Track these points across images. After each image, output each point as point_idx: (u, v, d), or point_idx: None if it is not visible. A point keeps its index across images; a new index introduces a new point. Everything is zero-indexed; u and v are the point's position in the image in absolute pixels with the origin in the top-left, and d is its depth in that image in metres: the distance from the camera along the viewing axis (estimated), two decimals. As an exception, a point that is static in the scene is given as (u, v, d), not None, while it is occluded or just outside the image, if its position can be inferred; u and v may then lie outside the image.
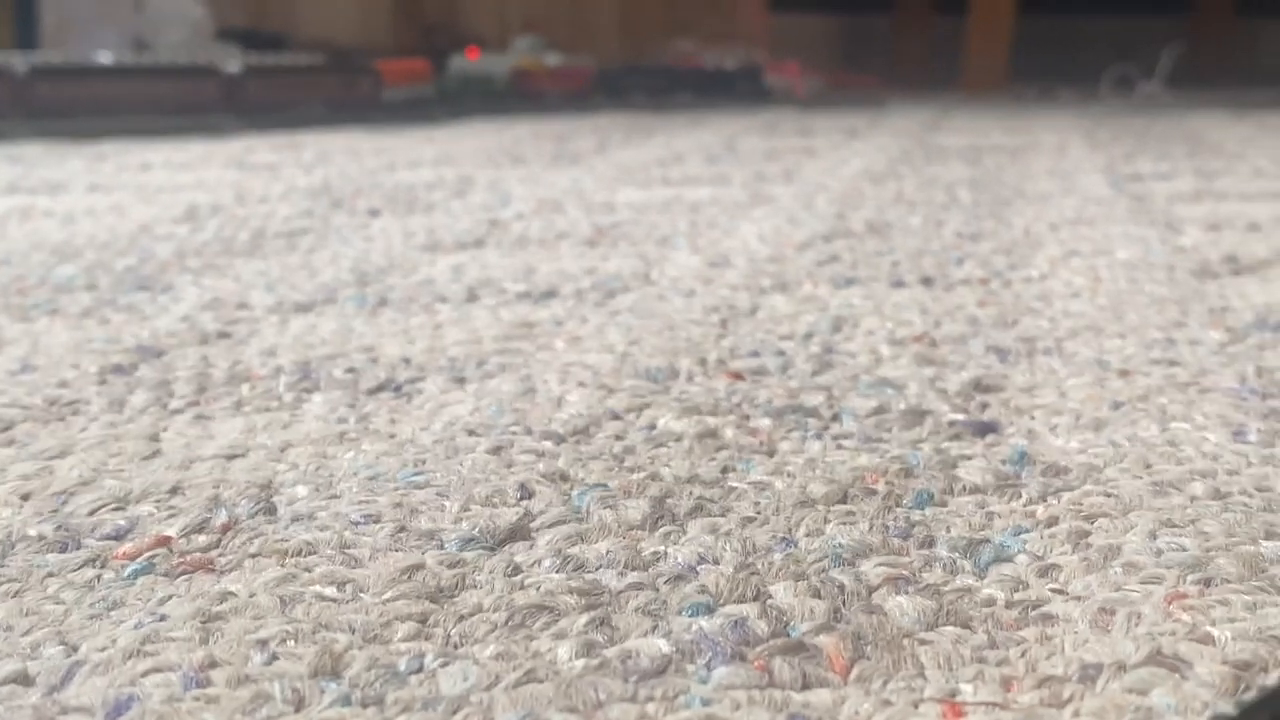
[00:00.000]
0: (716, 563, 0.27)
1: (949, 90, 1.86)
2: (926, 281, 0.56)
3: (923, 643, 0.24)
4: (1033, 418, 0.37)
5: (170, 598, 0.25)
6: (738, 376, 0.41)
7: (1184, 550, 0.27)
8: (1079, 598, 0.25)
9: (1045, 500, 0.30)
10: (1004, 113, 1.55)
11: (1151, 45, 1.88)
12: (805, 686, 0.22)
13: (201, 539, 0.28)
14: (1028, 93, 1.71)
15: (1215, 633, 0.23)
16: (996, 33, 1.97)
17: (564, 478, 0.32)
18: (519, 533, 0.28)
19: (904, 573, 0.26)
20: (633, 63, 1.81)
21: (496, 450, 0.33)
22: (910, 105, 1.64)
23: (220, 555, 0.27)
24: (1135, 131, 1.32)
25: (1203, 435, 0.34)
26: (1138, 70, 1.73)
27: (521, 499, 0.30)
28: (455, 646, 0.23)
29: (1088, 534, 0.28)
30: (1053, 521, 0.29)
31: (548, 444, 0.34)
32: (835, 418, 0.37)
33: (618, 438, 0.35)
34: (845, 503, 0.30)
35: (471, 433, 0.35)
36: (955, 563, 0.27)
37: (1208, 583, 0.25)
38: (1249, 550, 0.27)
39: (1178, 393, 0.38)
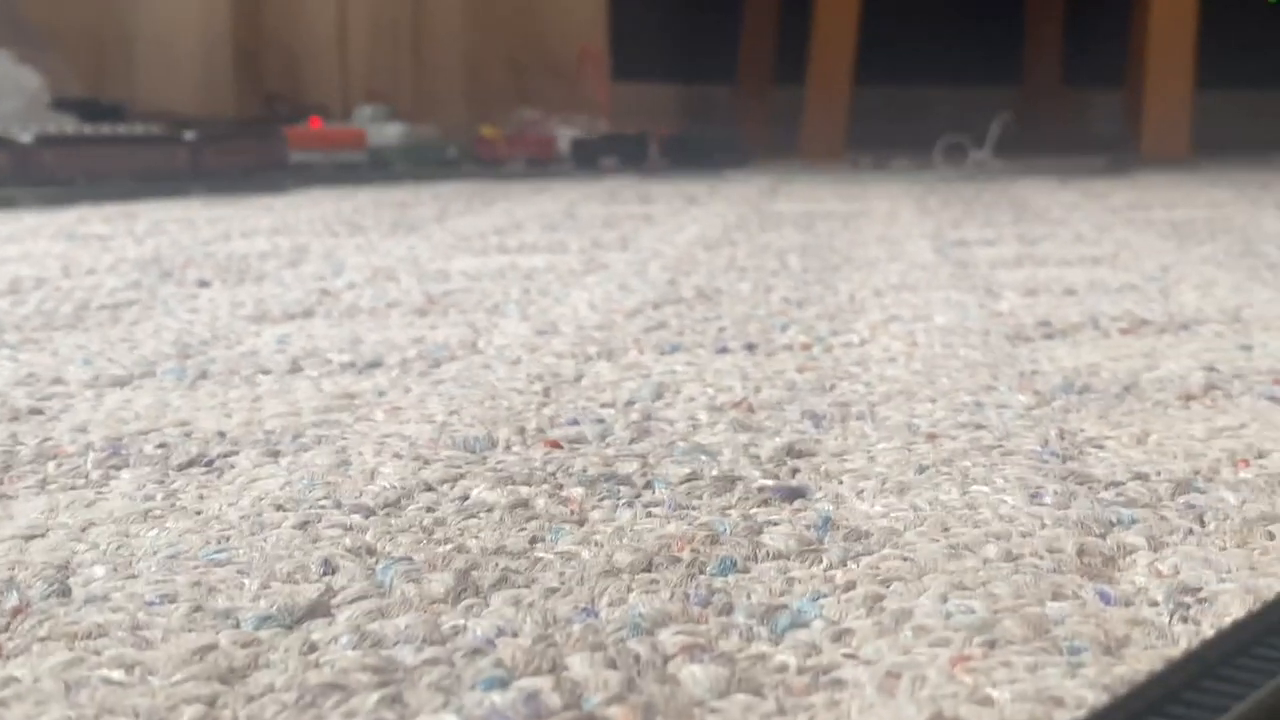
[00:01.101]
0: (515, 635, 0.27)
1: (787, 158, 1.89)
2: (750, 347, 0.57)
3: (713, 711, 0.24)
4: (841, 482, 0.37)
5: (-52, 686, 0.24)
6: (555, 445, 0.41)
7: (973, 613, 0.27)
8: (869, 662, 0.25)
9: (845, 565, 0.31)
10: (840, 180, 1.58)
11: (983, 115, 1.94)
12: (593, 759, 0.22)
13: (-12, 624, 0.27)
14: (864, 161, 1.75)
15: (995, 694, 0.24)
16: (833, 102, 2.01)
17: (370, 552, 0.31)
18: (318, 609, 0.28)
19: (701, 641, 0.26)
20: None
21: (303, 525, 0.33)
22: (749, 173, 1.66)
23: (9, 640, 0.27)
24: (964, 199, 1.35)
25: (1001, 498, 0.35)
26: (969, 139, 1.77)
27: (324, 574, 0.30)
28: (242, 729, 0.23)
29: (883, 598, 0.28)
30: (850, 586, 0.29)
31: (356, 518, 0.34)
32: (648, 485, 0.37)
33: (429, 510, 0.34)
34: (650, 571, 0.30)
35: (280, 508, 0.34)
36: (752, 629, 0.27)
37: (992, 645, 0.26)
38: (1035, 612, 0.27)
39: (981, 456, 0.39)
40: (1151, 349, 0.56)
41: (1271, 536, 0.32)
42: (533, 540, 0.32)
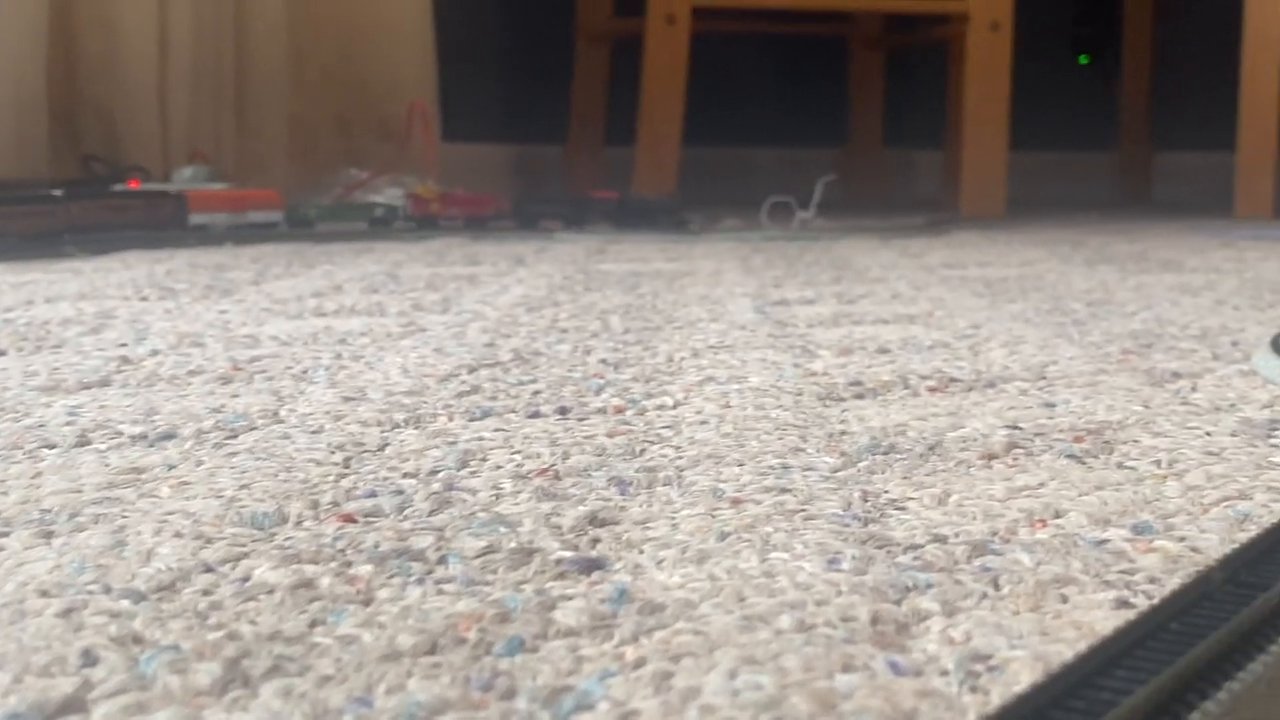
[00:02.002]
0: (281, 729, 0.25)
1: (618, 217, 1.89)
2: (563, 411, 0.56)
3: (484, 806, 0.22)
4: (642, 551, 0.36)
5: None
6: (349, 519, 0.39)
7: (761, 689, 0.26)
8: (651, 746, 0.24)
9: (637, 640, 0.30)
10: (668, 240, 1.59)
11: (808, 175, 1.96)
12: None
13: None
14: (693, 219, 1.75)
15: (777, 777, 0.23)
16: (663, 162, 2.02)
17: (136, 640, 0.29)
18: (73, 705, 0.26)
19: (478, 729, 0.25)
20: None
21: (67, 612, 0.31)
22: (579, 233, 1.66)
23: None
24: (788, 258, 1.36)
25: (799, 565, 0.35)
26: (795, 199, 1.80)
27: (83, 667, 0.28)
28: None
29: (672, 675, 0.27)
30: (641, 663, 0.28)
31: (126, 603, 0.32)
32: (442, 560, 0.35)
33: (205, 593, 0.33)
34: (433, 654, 0.29)
35: (44, 593, 0.32)
36: (534, 715, 0.26)
37: (778, 722, 0.25)
38: (823, 686, 0.27)
39: (784, 521, 0.39)
40: (958, 407, 0.56)
41: (1064, 599, 0.32)
42: (312, 623, 0.31)
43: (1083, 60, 3.12)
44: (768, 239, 1.62)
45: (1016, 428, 0.52)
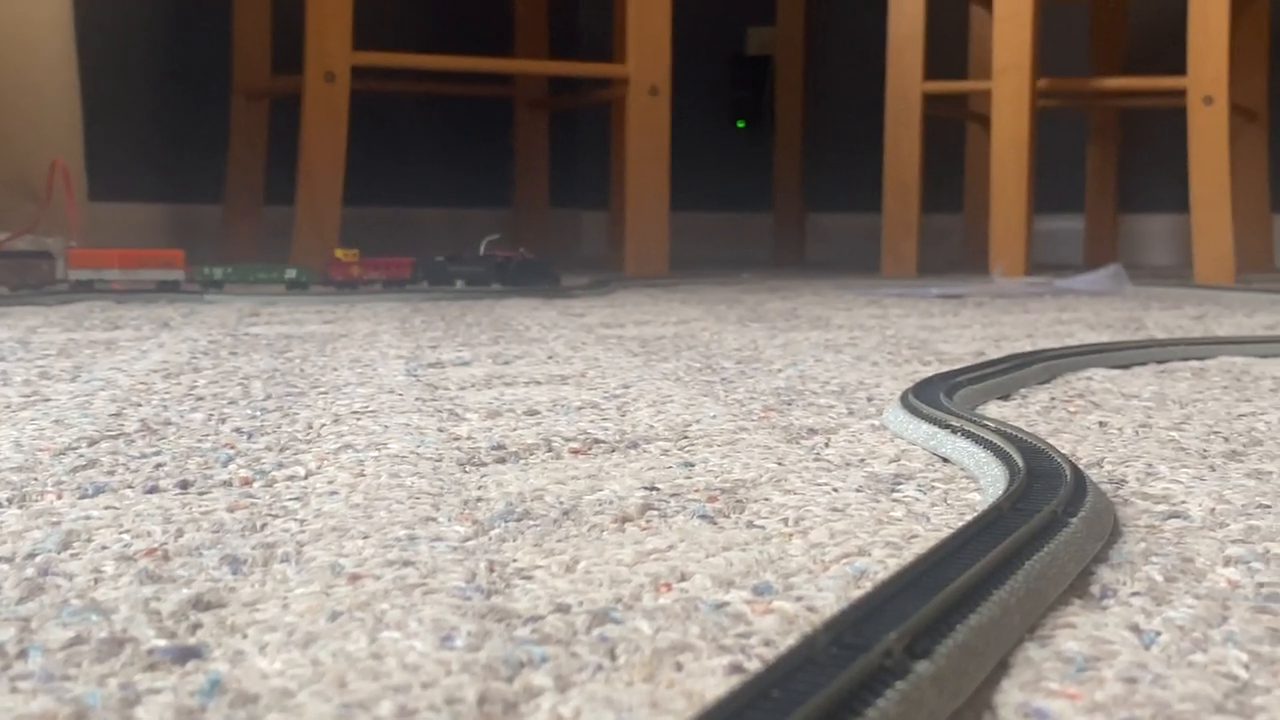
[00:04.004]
0: None
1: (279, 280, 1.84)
2: (184, 485, 0.53)
3: None
4: (246, 636, 0.34)
5: None
6: (-79, 614, 0.35)
7: (348, 784, 0.25)
8: None
9: (224, 737, 0.27)
10: (325, 301, 1.55)
11: (474, 235, 1.96)
12: None
13: None
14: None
15: None
16: (324, 222, 1.98)
17: None
18: None
19: None
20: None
21: None
22: (235, 295, 1.60)
23: None
24: (448, 318, 1.35)
25: (411, 644, 0.33)
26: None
27: None
28: None
29: (255, 775, 0.25)
30: (224, 762, 0.26)
31: None
32: (22, 654, 0.32)
33: None
34: (-11, 765, 0.26)
35: None
36: (93, 829, 0.23)
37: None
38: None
39: (402, 596, 0.37)
40: (599, 469, 0.56)
41: (679, 668, 0.32)
42: None
43: (740, 125, 3.23)
44: (429, 299, 1.60)
45: (654, 489, 0.52)
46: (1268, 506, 0.49)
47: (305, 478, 0.54)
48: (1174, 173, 2.28)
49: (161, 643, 0.33)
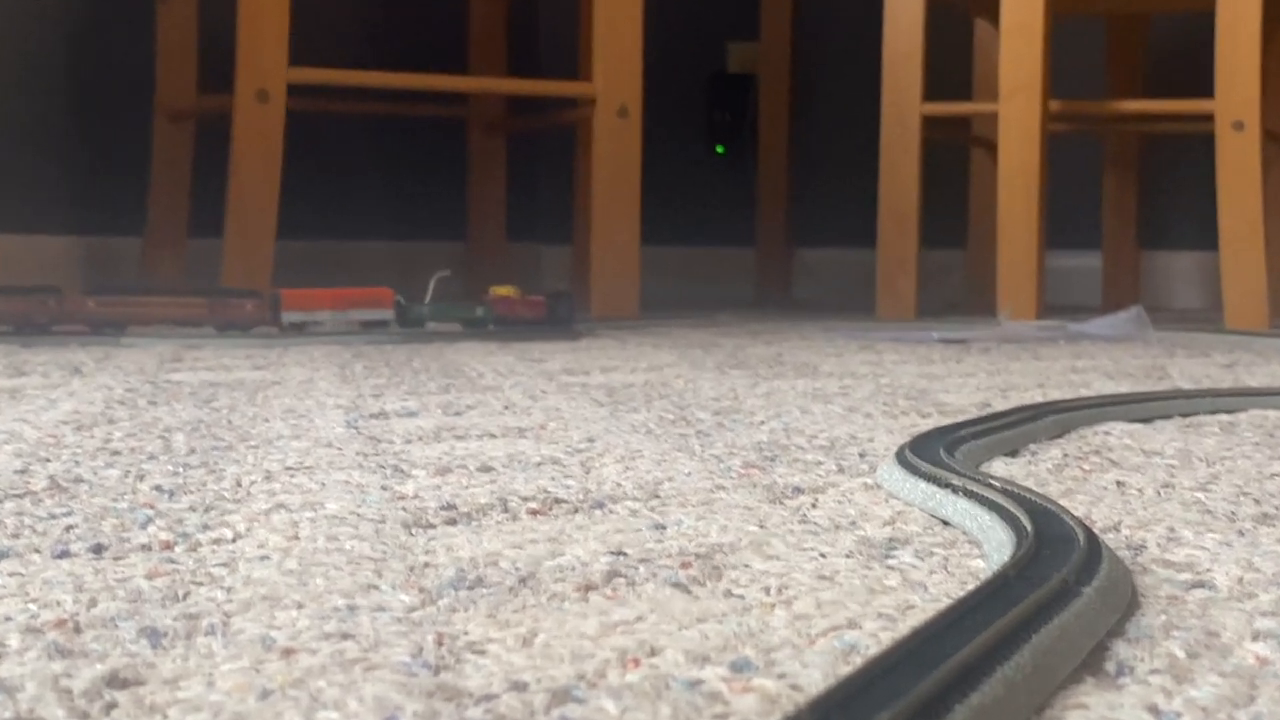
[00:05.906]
0: None
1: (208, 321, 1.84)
2: (98, 550, 0.53)
3: None
4: (166, 717, 0.34)
5: None
6: None
7: None
8: None
9: (141, 829, 0.27)
10: (260, 344, 1.55)
11: (426, 270, 1.97)
12: None
13: None
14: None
15: None
16: (256, 256, 1.98)
17: None
18: None
19: None
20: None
21: None
22: (156, 338, 1.60)
23: None
24: (393, 364, 1.35)
25: (348, 725, 0.33)
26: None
27: None
28: None
29: None
30: None
31: None
32: (-86, 739, 0.32)
33: None
34: None
35: None
36: None
37: None
38: None
39: (340, 673, 0.37)
40: (560, 532, 0.56)
41: (648, 751, 0.32)
42: None
43: (719, 150, 3.25)
44: (371, 343, 1.60)
45: (621, 554, 0.52)
46: (1300, 574, 0.49)
47: (233, 541, 0.54)
48: (1201, 205, 2.30)
49: (71, 725, 0.33)
